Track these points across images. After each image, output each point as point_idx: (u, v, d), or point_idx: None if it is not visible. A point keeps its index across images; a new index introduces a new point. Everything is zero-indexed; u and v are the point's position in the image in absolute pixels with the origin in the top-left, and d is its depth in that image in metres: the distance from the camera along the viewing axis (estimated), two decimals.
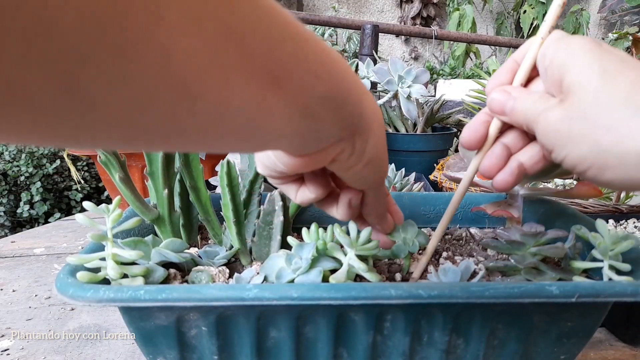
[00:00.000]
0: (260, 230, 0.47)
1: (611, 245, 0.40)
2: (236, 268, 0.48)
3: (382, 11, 3.15)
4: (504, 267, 0.42)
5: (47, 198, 2.10)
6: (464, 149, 0.39)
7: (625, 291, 0.35)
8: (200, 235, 0.54)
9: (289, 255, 0.41)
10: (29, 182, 2.07)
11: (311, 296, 0.35)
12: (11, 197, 2.08)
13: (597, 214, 0.62)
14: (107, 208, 0.39)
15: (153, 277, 0.40)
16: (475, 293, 0.35)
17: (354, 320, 0.39)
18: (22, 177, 2.06)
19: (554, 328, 0.40)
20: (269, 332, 0.39)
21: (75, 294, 0.35)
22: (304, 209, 0.57)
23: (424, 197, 0.60)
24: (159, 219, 0.48)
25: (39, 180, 2.08)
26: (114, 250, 0.38)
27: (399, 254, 0.44)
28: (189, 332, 0.39)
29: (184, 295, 0.35)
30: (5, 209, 2.06)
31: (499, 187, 0.37)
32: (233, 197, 0.45)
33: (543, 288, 0.35)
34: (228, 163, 0.44)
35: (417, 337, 0.40)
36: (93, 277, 0.37)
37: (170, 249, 0.42)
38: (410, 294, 0.35)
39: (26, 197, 2.05)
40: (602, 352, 0.52)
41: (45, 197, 2.09)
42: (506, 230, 0.44)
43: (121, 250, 0.39)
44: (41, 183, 2.07)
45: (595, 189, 0.46)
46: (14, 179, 2.08)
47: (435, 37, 1.93)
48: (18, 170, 2.05)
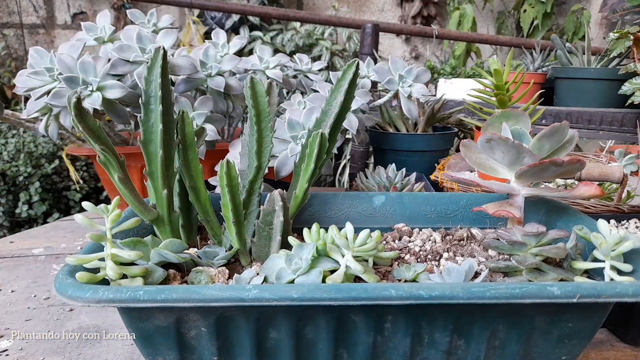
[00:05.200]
0: (260, 231, 0.47)
1: (613, 245, 0.40)
2: (236, 269, 0.47)
3: (383, 10, 3.15)
4: (505, 268, 0.42)
5: (45, 198, 2.09)
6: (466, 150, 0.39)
7: (627, 292, 0.35)
8: (199, 236, 0.53)
9: (289, 256, 0.41)
10: (27, 182, 2.06)
11: (311, 297, 0.35)
12: (10, 197, 2.07)
13: (599, 214, 0.62)
14: (106, 208, 0.38)
15: (152, 277, 0.40)
16: (477, 294, 0.35)
17: (354, 321, 0.39)
18: (21, 177, 2.05)
19: (555, 329, 0.40)
20: (269, 333, 0.39)
21: (74, 294, 0.35)
22: (304, 209, 0.57)
23: (425, 197, 0.60)
24: (158, 219, 0.47)
25: (38, 180, 2.07)
26: (113, 250, 0.38)
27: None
28: (188, 333, 0.39)
29: (183, 296, 0.35)
30: (4, 209, 2.05)
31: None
32: (232, 197, 0.44)
33: (544, 288, 0.35)
34: (228, 163, 0.43)
35: (418, 338, 0.40)
36: (92, 278, 0.37)
37: (169, 250, 0.41)
38: (411, 294, 0.35)
39: (25, 197, 2.04)
40: (603, 352, 0.51)
41: (44, 197, 2.08)
42: (507, 230, 0.44)
43: (120, 250, 0.38)
44: (40, 183, 2.06)
45: (597, 189, 0.46)
46: (12, 178, 2.07)
47: (435, 36, 1.93)
48: (17, 170, 2.05)
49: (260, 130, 0.50)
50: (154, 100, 0.46)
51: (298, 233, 0.53)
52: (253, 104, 0.50)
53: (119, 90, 0.67)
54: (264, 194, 0.51)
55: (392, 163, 0.86)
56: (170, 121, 0.47)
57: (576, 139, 0.49)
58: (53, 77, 0.68)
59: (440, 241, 0.52)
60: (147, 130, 0.46)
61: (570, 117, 1.30)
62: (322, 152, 0.50)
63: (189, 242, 0.51)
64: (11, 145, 2.09)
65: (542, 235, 0.42)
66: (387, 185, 0.81)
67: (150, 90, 0.46)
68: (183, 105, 0.72)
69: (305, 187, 0.51)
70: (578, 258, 0.43)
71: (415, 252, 0.50)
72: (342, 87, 0.53)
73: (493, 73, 0.80)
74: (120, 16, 2.80)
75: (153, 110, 0.46)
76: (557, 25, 2.96)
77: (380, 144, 1.01)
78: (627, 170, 0.80)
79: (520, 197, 0.50)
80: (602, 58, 1.35)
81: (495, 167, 0.51)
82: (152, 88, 0.46)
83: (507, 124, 0.49)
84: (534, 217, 0.54)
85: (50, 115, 0.72)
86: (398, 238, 0.54)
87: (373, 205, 0.59)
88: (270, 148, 0.51)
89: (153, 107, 0.46)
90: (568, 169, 0.46)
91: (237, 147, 0.68)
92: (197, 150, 0.49)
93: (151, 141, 0.46)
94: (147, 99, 0.46)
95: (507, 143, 0.45)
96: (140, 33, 0.71)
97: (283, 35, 2.68)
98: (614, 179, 0.62)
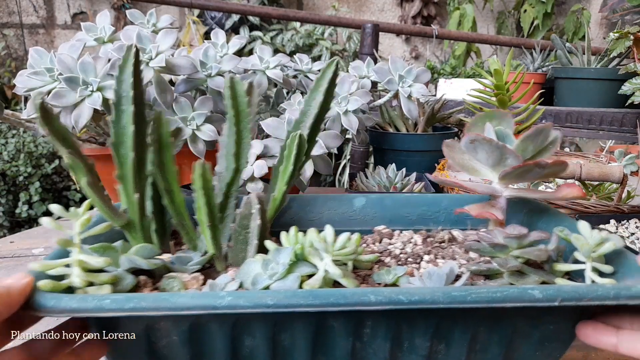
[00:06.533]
0: (236, 235, 0.45)
1: (594, 247, 0.39)
2: (211, 274, 0.46)
3: (383, 10, 3.15)
4: (487, 271, 0.42)
5: (45, 198, 2.11)
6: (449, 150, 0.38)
7: (608, 295, 0.35)
8: (174, 241, 0.52)
9: (265, 261, 0.39)
10: (27, 182, 2.08)
11: (287, 303, 0.34)
12: (10, 197, 2.08)
13: (599, 214, 0.62)
14: (76, 212, 0.37)
15: (121, 285, 0.38)
16: (458, 298, 0.34)
17: (332, 327, 0.38)
18: (21, 177, 2.07)
19: (536, 332, 0.39)
20: (244, 340, 0.38)
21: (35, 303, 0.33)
22: (283, 211, 0.56)
23: (406, 198, 0.59)
24: (129, 225, 0.45)
25: (38, 180, 2.08)
26: (80, 256, 0.36)
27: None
28: (159, 342, 0.37)
29: (152, 305, 0.33)
30: (4, 209, 2.07)
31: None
32: (207, 200, 0.43)
33: (526, 292, 0.34)
34: (202, 165, 0.42)
35: (398, 343, 0.39)
36: (56, 286, 0.35)
37: (140, 256, 0.40)
38: (391, 299, 0.34)
39: (25, 197, 2.05)
40: (603, 352, 0.51)
41: (44, 197, 2.10)
42: (489, 232, 0.43)
43: (88, 256, 0.37)
44: (40, 183, 2.08)
45: (579, 190, 0.46)
46: (12, 179, 2.08)
47: (436, 36, 1.93)
48: (17, 170, 2.06)
49: (239, 131, 0.49)
50: (125, 101, 0.44)
51: (277, 237, 0.52)
52: (232, 104, 0.48)
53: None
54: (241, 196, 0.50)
55: (392, 163, 0.85)
56: (142, 122, 0.45)
57: (560, 140, 0.48)
58: (53, 77, 0.68)
59: (422, 243, 0.52)
60: (118, 131, 0.44)
61: (570, 117, 1.31)
62: (300, 153, 0.49)
63: (163, 248, 0.49)
64: (11, 145, 2.10)
65: (523, 237, 0.41)
66: (387, 186, 0.81)
67: (121, 90, 0.45)
68: (183, 105, 0.71)
69: (284, 190, 0.50)
70: (559, 260, 0.42)
71: (396, 255, 0.49)
72: (322, 87, 0.52)
73: (493, 73, 0.80)
74: (120, 16, 2.79)
75: (125, 111, 0.44)
76: (557, 25, 2.98)
77: (380, 144, 1.01)
78: (627, 170, 0.80)
79: (503, 198, 0.49)
80: (602, 58, 1.36)
81: (478, 168, 0.50)
82: (123, 88, 0.45)
83: (491, 125, 0.48)
84: (515, 217, 0.54)
85: None
86: (378, 240, 0.53)
87: (354, 208, 0.58)
88: (249, 149, 0.50)
89: (125, 108, 0.44)
90: (552, 170, 0.46)
91: None
92: (172, 151, 0.47)
93: (122, 143, 0.45)
94: (118, 99, 0.45)
95: (491, 144, 0.44)
96: (140, 33, 0.70)
97: (283, 35, 2.67)
98: (614, 179, 0.62)
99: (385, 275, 0.44)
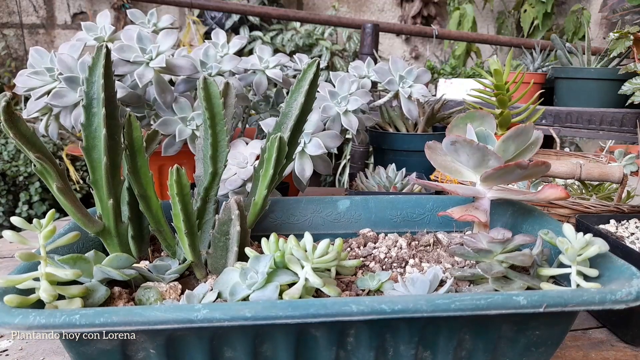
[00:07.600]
0: (215, 241, 0.44)
1: (579, 250, 0.39)
2: (190, 282, 0.44)
3: (383, 10, 3.13)
4: (471, 276, 0.41)
5: (45, 198, 2.09)
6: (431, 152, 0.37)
7: (594, 300, 0.34)
8: (152, 247, 0.50)
9: (244, 269, 0.38)
10: (27, 182, 2.07)
11: (266, 315, 0.32)
12: (10, 197, 2.07)
13: (599, 214, 0.62)
14: (39, 223, 0.35)
15: (93, 297, 0.36)
16: (441, 306, 0.33)
17: (315, 337, 0.37)
18: (21, 177, 2.06)
19: (522, 337, 0.39)
20: (225, 352, 0.37)
21: (0, 320, 0.31)
22: (265, 216, 0.54)
23: (390, 201, 0.58)
24: (104, 232, 0.44)
25: (38, 180, 2.07)
26: (47, 269, 0.35)
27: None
28: (135, 356, 0.36)
29: (124, 319, 0.31)
30: (4, 209, 2.06)
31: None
32: (184, 207, 0.41)
33: (510, 299, 0.34)
34: (177, 170, 0.40)
35: (382, 352, 0.38)
36: (23, 301, 0.33)
37: (114, 266, 0.38)
38: (373, 309, 0.33)
39: (25, 197, 2.04)
40: (603, 352, 0.51)
41: (44, 197, 2.08)
42: (473, 236, 0.43)
43: (56, 269, 0.35)
44: (40, 183, 2.07)
45: (562, 191, 0.45)
46: (12, 179, 2.08)
47: (435, 36, 1.92)
48: (17, 170, 2.06)
49: (215, 134, 0.47)
50: (96, 103, 0.43)
51: (259, 242, 0.50)
52: (207, 106, 0.47)
53: (119, 90, 0.65)
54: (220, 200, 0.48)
55: (392, 163, 0.85)
56: (115, 125, 0.44)
57: (541, 140, 0.48)
58: (53, 77, 0.67)
59: (406, 247, 0.51)
60: (89, 135, 0.43)
61: (570, 117, 1.31)
62: (281, 156, 0.47)
63: (140, 255, 0.48)
64: (11, 145, 2.09)
65: (508, 242, 0.40)
66: (387, 185, 0.80)
67: (92, 92, 0.43)
68: (183, 105, 0.70)
69: (265, 194, 0.49)
70: (544, 264, 0.41)
71: (381, 259, 0.48)
72: (303, 88, 0.51)
73: (493, 73, 0.79)
74: (120, 16, 2.76)
75: (96, 113, 0.43)
76: (557, 25, 2.99)
77: (380, 144, 1.00)
78: (627, 170, 0.80)
79: (486, 200, 0.49)
80: (602, 58, 1.36)
81: (460, 170, 0.50)
82: (94, 90, 0.43)
83: (472, 126, 0.47)
84: (500, 219, 0.53)
85: (50, 115, 0.71)
86: (363, 244, 0.52)
87: (338, 210, 0.57)
88: (226, 152, 0.48)
89: (96, 111, 0.43)
90: (533, 171, 0.45)
91: (238, 146, 0.67)
92: (146, 155, 0.46)
93: (94, 147, 0.43)
94: (89, 102, 0.43)
95: (472, 145, 0.44)
96: (140, 33, 0.68)
97: (283, 35, 2.65)
98: (614, 179, 0.62)
99: (369, 281, 0.43)
